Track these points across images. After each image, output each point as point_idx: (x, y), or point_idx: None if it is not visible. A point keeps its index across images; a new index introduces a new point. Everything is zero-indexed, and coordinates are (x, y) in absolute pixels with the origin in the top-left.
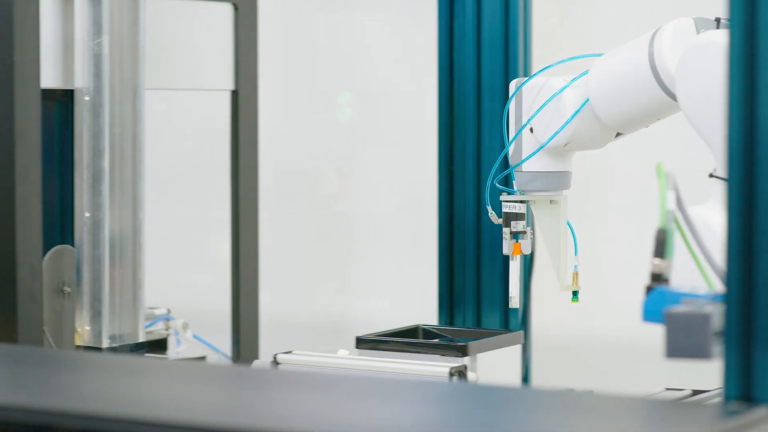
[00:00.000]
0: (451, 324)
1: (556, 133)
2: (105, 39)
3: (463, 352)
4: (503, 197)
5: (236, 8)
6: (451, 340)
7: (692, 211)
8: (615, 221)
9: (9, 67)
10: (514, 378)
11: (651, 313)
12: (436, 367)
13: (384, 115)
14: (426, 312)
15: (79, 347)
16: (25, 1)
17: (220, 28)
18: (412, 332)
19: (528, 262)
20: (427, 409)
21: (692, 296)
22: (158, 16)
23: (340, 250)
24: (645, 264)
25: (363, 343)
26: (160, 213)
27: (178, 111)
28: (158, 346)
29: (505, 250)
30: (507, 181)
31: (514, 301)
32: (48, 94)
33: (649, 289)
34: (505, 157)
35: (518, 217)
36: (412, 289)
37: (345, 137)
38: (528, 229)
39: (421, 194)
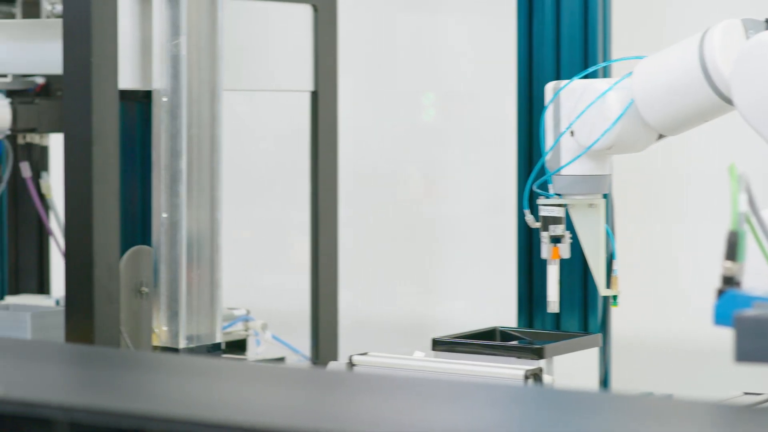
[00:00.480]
0: (530, 326)
1: (601, 136)
2: (183, 40)
3: (539, 354)
4: (541, 201)
5: (315, 9)
6: (530, 343)
7: (766, 213)
8: (693, 221)
9: (87, 69)
10: (591, 381)
11: (722, 317)
12: (511, 369)
13: (466, 115)
14: (507, 314)
15: (156, 348)
16: (103, 3)
17: (300, 29)
18: (489, 334)
19: (609, 265)
20: (499, 414)
21: (764, 300)
22: (238, 18)
23: (421, 252)
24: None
25: (439, 345)
26: (241, 214)
27: (260, 112)
28: (237, 347)
29: (544, 255)
30: (543, 184)
31: (554, 305)
32: (130, 95)
33: (720, 293)
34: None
35: (557, 221)
36: (494, 291)
37: (426, 138)
38: (567, 233)
39: (503, 195)
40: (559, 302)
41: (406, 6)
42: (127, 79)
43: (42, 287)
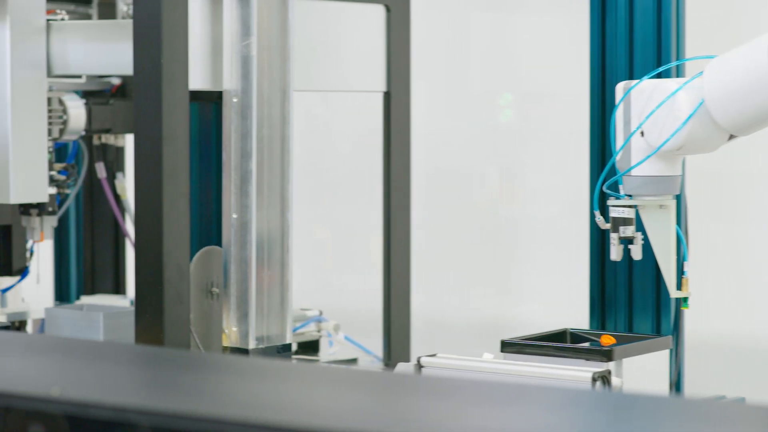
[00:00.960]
0: (603, 328)
1: (671, 136)
2: (253, 41)
3: (607, 356)
4: (611, 202)
5: (388, 10)
6: (600, 345)
7: None
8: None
9: (157, 70)
10: (662, 384)
11: None
12: (578, 372)
13: (543, 116)
14: (582, 316)
15: (225, 348)
16: (173, 4)
17: (373, 29)
18: (559, 336)
19: (679, 267)
20: (562, 418)
21: None
22: (311, 18)
23: (496, 253)
24: None
25: (508, 346)
26: (317, 214)
27: (337, 113)
28: (310, 347)
29: (613, 256)
30: (614, 185)
31: None
32: (205, 95)
33: None
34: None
35: (627, 222)
36: (570, 293)
37: (502, 139)
38: (638, 235)
39: (579, 197)
40: (632, 304)
41: (480, 6)
42: (198, 80)
43: (118, 287)
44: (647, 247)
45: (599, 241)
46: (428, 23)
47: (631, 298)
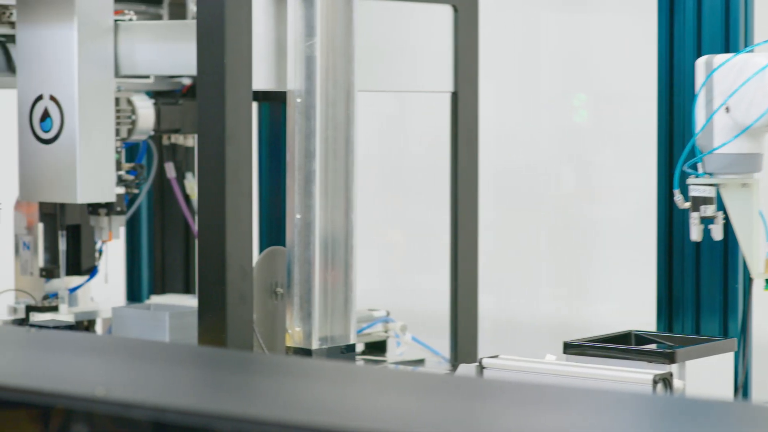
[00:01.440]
0: (670, 330)
1: (764, 113)
2: (316, 41)
3: (670, 359)
4: (691, 180)
5: (456, 10)
6: (668, 347)
7: None
8: None
9: (220, 70)
10: (726, 387)
11: None
12: (639, 374)
13: (614, 116)
14: (652, 317)
15: (289, 348)
16: (237, 4)
17: (440, 30)
18: (623, 338)
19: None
20: (610, 423)
21: None
22: (378, 19)
23: (567, 254)
24: None
25: (570, 348)
26: (386, 214)
27: (410, 113)
28: (377, 348)
29: (693, 236)
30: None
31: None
32: (276, 96)
33: None
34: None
35: (707, 201)
36: (640, 294)
37: (569, 138)
38: (720, 214)
39: (648, 198)
40: (699, 306)
41: (548, 5)
42: (262, 80)
43: (188, 287)
44: (717, 249)
45: (666, 241)
46: (497, 23)
47: (698, 299)
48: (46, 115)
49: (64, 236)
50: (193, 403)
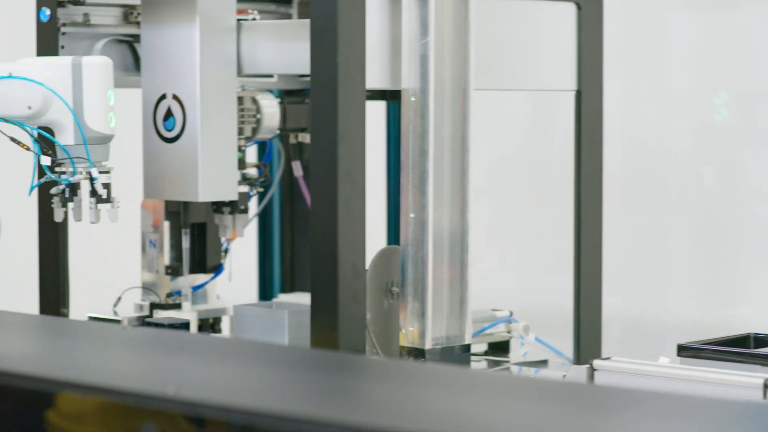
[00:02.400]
0: None
1: None
2: (430, 39)
3: None
4: None
5: (579, 7)
6: None
7: None
8: None
9: (333, 68)
10: None
11: None
12: (750, 378)
13: (758, 115)
14: None
15: (402, 348)
16: (350, 3)
17: (563, 27)
18: (742, 340)
19: None
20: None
21: None
22: (499, 17)
23: (701, 254)
24: None
25: (684, 350)
26: (511, 213)
27: (546, 111)
28: (500, 348)
29: None
30: None
31: None
32: (399, 95)
33: None
34: None
35: None
36: None
37: (705, 137)
38: None
39: None
40: None
41: (679, 4)
42: (376, 79)
43: None
44: None
45: None
46: (622, 20)
47: None
48: (169, 114)
49: (188, 234)
50: (289, 408)
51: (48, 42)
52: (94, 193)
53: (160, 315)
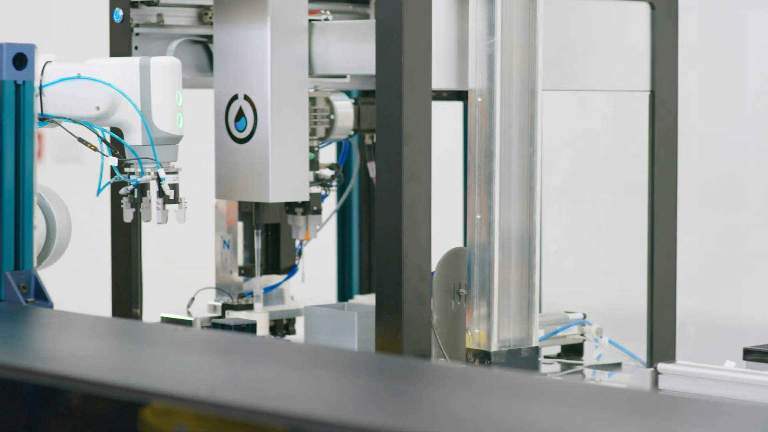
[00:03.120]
0: None
1: None
2: (496, 40)
3: None
4: None
5: (653, 7)
6: None
7: None
8: None
9: (398, 69)
10: None
11: None
12: None
13: None
14: None
15: (468, 350)
16: (416, 4)
17: (637, 27)
18: None
19: None
20: None
21: None
22: (571, 17)
23: None
24: None
25: (750, 354)
26: (586, 214)
27: (629, 112)
28: (573, 351)
29: None
30: None
31: None
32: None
33: None
34: None
35: None
36: None
37: None
38: None
39: None
40: None
41: (751, 2)
42: (442, 80)
43: None
44: None
45: None
46: (697, 20)
47: None
48: (240, 114)
49: (260, 235)
50: (344, 415)
51: (121, 42)
52: (161, 193)
53: (232, 316)
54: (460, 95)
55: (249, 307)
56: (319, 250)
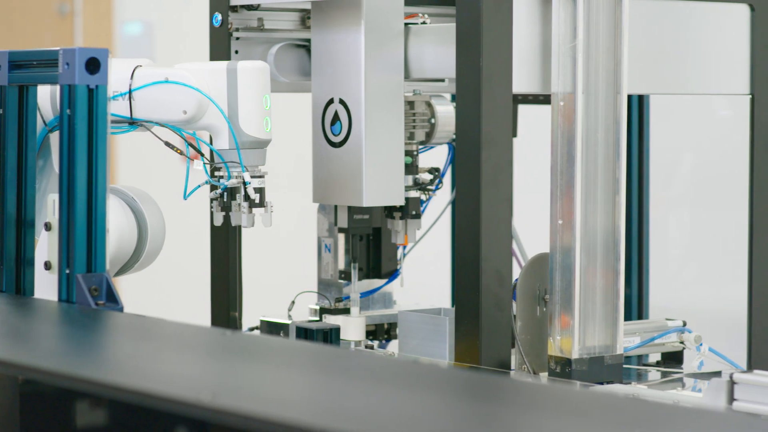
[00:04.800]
0: None
1: None
2: (579, 43)
3: None
4: None
5: (752, 9)
6: None
7: None
8: None
9: (477, 72)
10: None
11: None
12: None
13: None
14: None
15: (550, 357)
16: (496, 6)
17: (735, 29)
18: None
19: None
20: None
21: None
22: (662, 19)
23: None
24: None
25: None
26: (686, 221)
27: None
28: (674, 358)
29: None
30: None
31: None
32: None
33: None
34: None
35: None
36: None
37: None
38: None
39: None
40: None
41: None
42: (524, 83)
43: None
44: None
45: None
46: None
47: None
48: (335, 118)
49: (353, 239)
50: None
51: (220, 47)
52: (246, 197)
53: (329, 319)
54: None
55: (346, 311)
56: (432, 254)
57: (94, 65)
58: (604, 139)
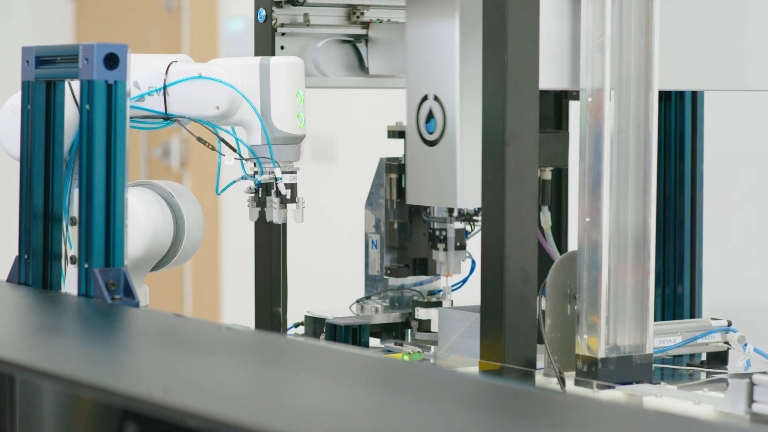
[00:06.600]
0: None
1: None
2: (606, 38)
3: None
4: None
5: None
6: None
7: None
8: None
9: (501, 68)
10: None
11: None
12: None
13: None
14: None
15: (577, 357)
16: (522, 1)
17: None
18: None
19: None
20: None
21: None
22: (695, 13)
23: None
24: None
25: None
26: (725, 221)
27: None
28: (718, 359)
29: None
30: None
31: None
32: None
33: None
34: None
35: None
36: None
37: None
38: None
39: None
40: None
41: None
42: (551, 79)
43: None
44: None
45: None
46: None
47: None
48: (430, 116)
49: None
50: None
51: (264, 42)
52: (278, 193)
53: (421, 314)
54: None
55: (438, 304)
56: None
57: (113, 61)
58: (635, 135)
